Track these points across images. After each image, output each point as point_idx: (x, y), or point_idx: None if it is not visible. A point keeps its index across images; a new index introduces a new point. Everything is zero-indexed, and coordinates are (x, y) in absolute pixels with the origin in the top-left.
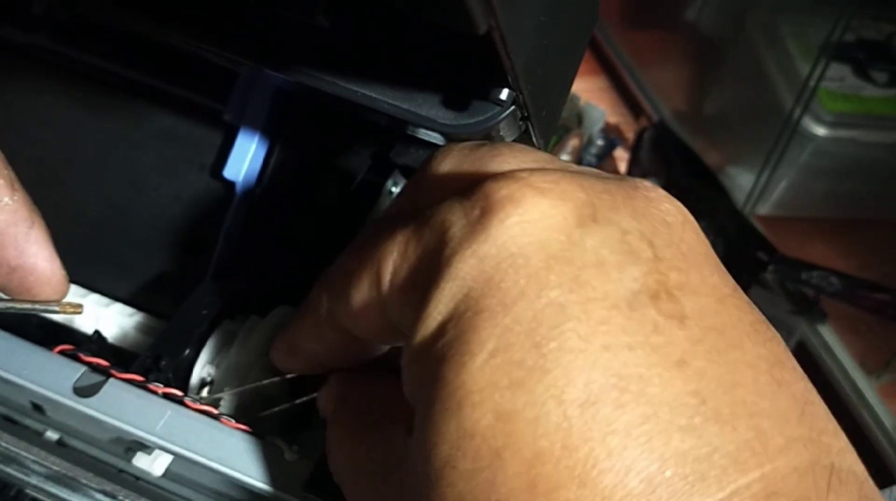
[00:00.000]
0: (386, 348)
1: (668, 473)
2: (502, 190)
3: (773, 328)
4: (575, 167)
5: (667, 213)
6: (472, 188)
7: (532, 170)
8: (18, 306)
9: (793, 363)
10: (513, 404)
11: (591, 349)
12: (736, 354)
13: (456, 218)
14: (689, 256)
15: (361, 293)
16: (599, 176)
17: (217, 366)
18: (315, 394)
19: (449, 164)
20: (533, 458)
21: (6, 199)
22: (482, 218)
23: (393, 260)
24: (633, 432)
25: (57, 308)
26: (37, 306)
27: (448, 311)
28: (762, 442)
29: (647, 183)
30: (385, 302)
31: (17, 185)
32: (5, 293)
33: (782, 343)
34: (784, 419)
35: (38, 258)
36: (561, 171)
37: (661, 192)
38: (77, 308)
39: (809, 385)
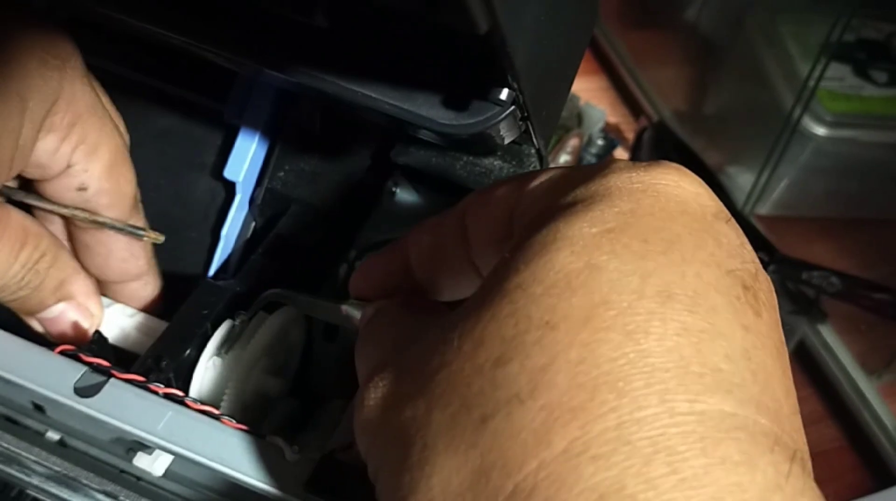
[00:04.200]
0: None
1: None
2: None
3: None
4: None
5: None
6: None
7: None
8: (117, 225)
9: None
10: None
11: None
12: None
13: (623, 174)
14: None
15: (503, 190)
16: None
17: (220, 365)
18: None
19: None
20: (588, 319)
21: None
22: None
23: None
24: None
25: (142, 233)
26: (127, 227)
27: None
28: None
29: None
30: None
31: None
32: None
33: None
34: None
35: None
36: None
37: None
38: (158, 237)
39: None
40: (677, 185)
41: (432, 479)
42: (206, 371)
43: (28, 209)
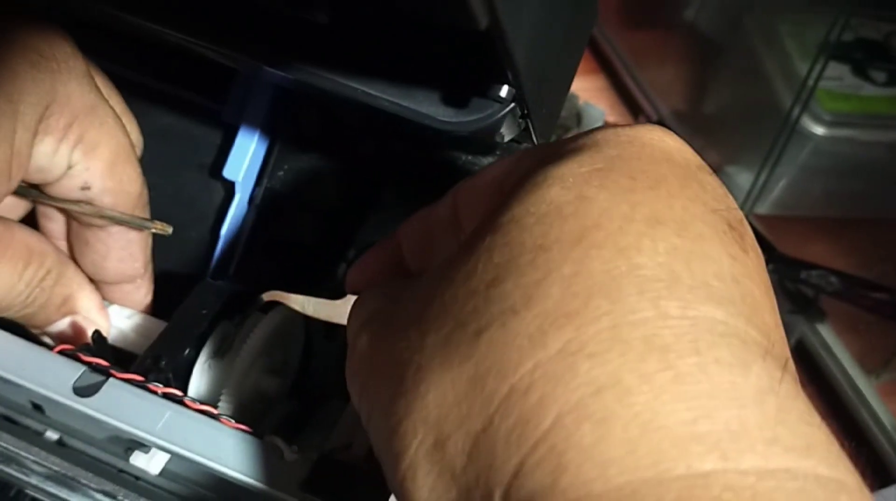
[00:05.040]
0: None
1: None
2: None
3: None
4: None
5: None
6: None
7: None
8: (124, 218)
9: None
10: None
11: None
12: None
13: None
14: None
15: (493, 168)
16: None
17: (219, 364)
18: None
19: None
20: (580, 239)
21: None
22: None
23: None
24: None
25: (150, 225)
26: (134, 220)
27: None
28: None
29: None
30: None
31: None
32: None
33: None
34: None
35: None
36: None
37: None
38: (166, 228)
39: None
40: (661, 139)
41: (427, 396)
42: (203, 373)
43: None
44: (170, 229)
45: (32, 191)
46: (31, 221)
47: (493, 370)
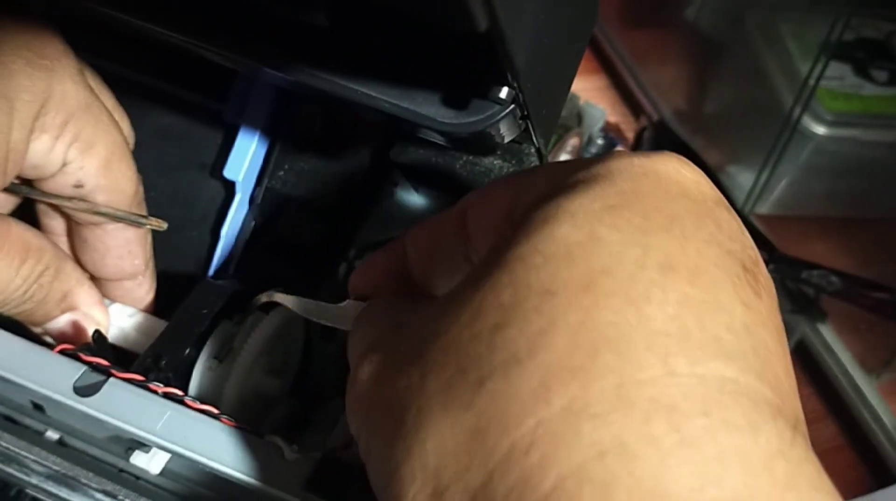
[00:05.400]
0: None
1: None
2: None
3: None
4: None
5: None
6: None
7: None
8: (117, 214)
9: None
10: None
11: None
12: None
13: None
14: None
15: (504, 183)
16: None
17: (219, 364)
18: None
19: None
20: (589, 286)
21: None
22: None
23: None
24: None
25: (144, 221)
26: (128, 216)
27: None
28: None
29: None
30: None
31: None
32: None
33: None
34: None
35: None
36: None
37: None
38: (161, 224)
39: None
40: (678, 171)
41: (427, 443)
42: (204, 372)
43: (29, 201)
44: (164, 225)
45: (23, 187)
46: (31, 218)
47: (495, 423)
